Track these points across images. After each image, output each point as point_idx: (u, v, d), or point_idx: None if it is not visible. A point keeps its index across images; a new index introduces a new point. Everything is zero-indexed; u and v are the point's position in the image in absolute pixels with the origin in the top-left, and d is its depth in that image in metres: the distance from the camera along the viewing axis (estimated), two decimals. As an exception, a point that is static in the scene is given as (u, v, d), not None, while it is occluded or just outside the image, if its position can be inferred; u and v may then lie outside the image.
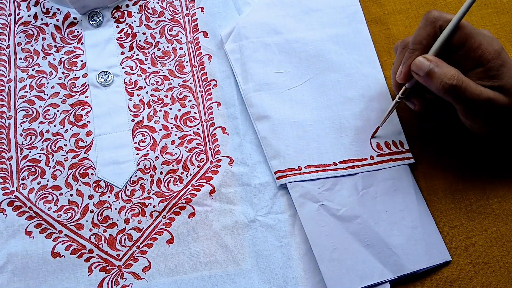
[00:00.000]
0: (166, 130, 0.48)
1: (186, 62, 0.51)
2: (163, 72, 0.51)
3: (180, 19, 0.53)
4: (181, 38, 0.52)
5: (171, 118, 0.49)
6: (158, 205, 0.46)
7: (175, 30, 0.52)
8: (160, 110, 0.49)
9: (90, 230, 0.45)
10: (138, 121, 0.49)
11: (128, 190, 0.46)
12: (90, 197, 0.46)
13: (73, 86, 0.50)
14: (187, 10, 0.53)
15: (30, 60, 0.51)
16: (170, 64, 0.51)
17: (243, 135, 0.48)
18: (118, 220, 0.45)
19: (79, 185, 0.46)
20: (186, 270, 0.44)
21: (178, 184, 0.46)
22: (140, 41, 0.52)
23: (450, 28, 0.40)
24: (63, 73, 0.51)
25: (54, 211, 0.45)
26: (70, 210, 0.46)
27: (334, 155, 0.46)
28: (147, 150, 0.48)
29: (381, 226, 0.44)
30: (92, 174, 0.47)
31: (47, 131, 0.48)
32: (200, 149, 0.48)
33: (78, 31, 0.53)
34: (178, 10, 0.53)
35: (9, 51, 0.52)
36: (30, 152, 0.48)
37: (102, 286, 0.43)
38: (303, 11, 0.52)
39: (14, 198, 0.46)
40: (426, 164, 0.47)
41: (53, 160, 0.47)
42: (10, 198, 0.46)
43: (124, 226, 0.45)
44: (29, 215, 0.45)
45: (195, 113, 0.49)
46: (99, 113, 0.49)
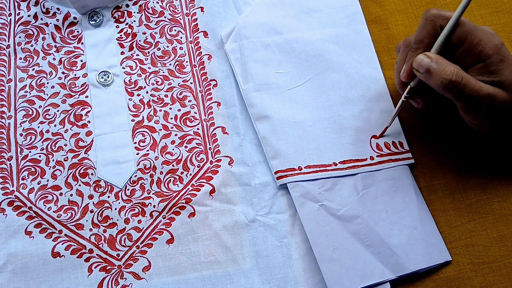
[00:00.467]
0: (166, 130, 0.48)
1: (186, 62, 0.51)
2: (163, 72, 0.51)
3: (180, 19, 0.53)
4: (181, 38, 0.52)
5: (171, 118, 0.49)
6: (158, 205, 0.46)
7: (175, 30, 0.52)
8: (160, 110, 0.49)
9: (90, 230, 0.45)
10: (138, 121, 0.49)
11: (128, 190, 0.46)
12: (90, 197, 0.46)
13: (73, 86, 0.50)
14: (187, 10, 0.53)
15: (30, 60, 0.51)
16: (170, 64, 0.51)
17: (243, 135, 0.48)
18: (118, 220, 0.45)
19: (79, 185, 0.46)
20: (186, 270, 0.44)
21: (178, 184, 0.46)
22: (140, 41, 0.52)
23: (450, 25, 0.40)
24: (63, 73, 0.51)
25: (54, 211, 0.45)
26: (70, 210, 0.46)
27: (334, 155, 0.46)
28: (147, 150, 0.48)
29: (381, 226, 0.44)
30: (92, 174, 0.47)
31: (47, 131, 0.48)
32: (200, 149, 0.48)
33: (78, 31, 0.53)
34: (178, 10, 0.53)
35: (9, 51, 0.52)
36: (30, 152, 0.48)
37: (102, 286, 0.43)
38: (303, 11, 0.52)
39: (14, 198, 0.46)
40: (426, 164, 0.47)
41: (53, 160, 0.47)
42: (10, 198, 0.46)
43: (124, 226, 0.45)
44: (29, 215, 0.45)
45: (195, 113, 0.49)
46: (99, 113, 0.49)
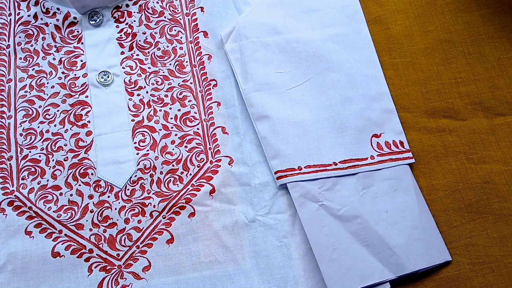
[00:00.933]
0: (166, 130, 0.48)
1: (186, 62, 0.51)
2: (163, 72, 0.51)
3: (180, 19, 0.53)
4: (181, 38, 0.52)
5: (171, 118, 0.49)
6: (158, 205, 0.46)
7: (175, 30, 0.52)
8: (160, 110, 0.49)
9: (90, 230, 0.45)
10: (138, 121, 0.49)
11: (128, 190, 0.46)
12: (90, 197, 0.46)
13: (73, 86, 0.50)
14: (187, 10, 0.53)
15: (30, 60, 0.51)
16: (170, 64, 0.51)
17: (243, 135, 0.48)
18: (118, 220, 0.45)
19: (79, 185, 0.46)
20: (186, 270, 0.44)
21: (178, 184, 0.46)
22: (140, 41, 0.52)
23: None
24: (63, 73, 0.51)
25: (54, 211, 0.45)
26: (70, 210, 0.46)
27: (334, 155, 0.46)
28: (147, 150, 0.48)
29: (381, 226, 0.44)
30: (92, 174, 0.47)
31: (47, 131, 0.48)
32: (200, 149, 0.48)
33: (78, 31, 0.53)
34: (178, 10, 0.53)
35: (9, 51, 0.52)
36: (30, 152, 0.48)
37: (102, 286, 0.43)
38: (303, 11, 0.52)
39: (14, 198, 0.46)
40: (426, 164, 0.47)
41: (53, 160, 0.47)
42: (10, 198, 0.46)
43: (124, 226, 0.45)
44: (29, 215, 0.45)
45: (195, 113, 0.49)
46: (99, 113, 0.49)
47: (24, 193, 0.46)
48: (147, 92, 0.50)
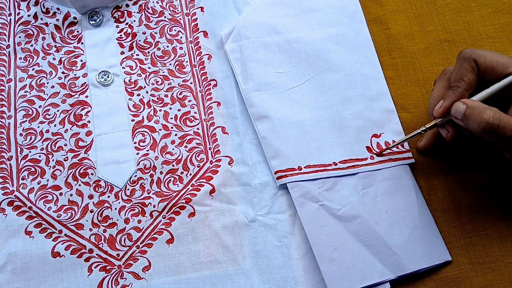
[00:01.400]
0: (166, 130, 0.48)
1: (186, 62, 0.51)
2: (163, 72, 0.51)
3: (180, 19, 0.53)
4: (181, 38, 0.52)
5: (171, 118, 0.49)
6: (158, 205, 0.46)
7: (175, 30, 0.52)
8: (160, 110, 0.49)
9: (90, 230, 0.45)
10: (138, 121, 0.49)
11: (128, 190, 0.46)
12: (90, 197, 0.46)
13: (73, 86, 0.50)
14: (187, 9, 0.53)
15: (30, 60, 0.51)
16: (170, 64, 0.51)
17: (243, 135, 0.48)
18: (118, 220, 0.45)
19: (79, 185, 0.46)
20: (186, 270, 0.44)
21: (178, 184, 0.46)
22: (140, 41, 0.52)
23: (499, 86, 0.40)
24: (63, 73, 0.51)
25: (54, 211, 0.45)
26: (70, 210, 0.46)
27: (334, 155, 0.46)
28: (147, 150, 0.48)
29: (381, 226, 0.44)
30: (92, 174, 0.47)
31: (47, 131, 0.48)
32: (200, 149, 0.48)
33: (78, 31, 0.53)
34: (178, 10, 0.53)
35: (9, 51, 0.52)
36: (30, 152, 0.48)
37: (102, 286, 0.43)
38: (303, 11, 0.52)
39: (14, 198, 0.46)
40: (426, 164, 0.47)
41: (53, 160, 0.47)
42: (10, 198, 0.46)
43: (124, 226, 0.45)
44: (29, 215, 0.45)
45: (195, 113, 0.49)
46: (99, 113, 0.49)
47: (24, 193, 0.46)
48: (147, 92, 0.50)
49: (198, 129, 0.48)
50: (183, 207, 0.46)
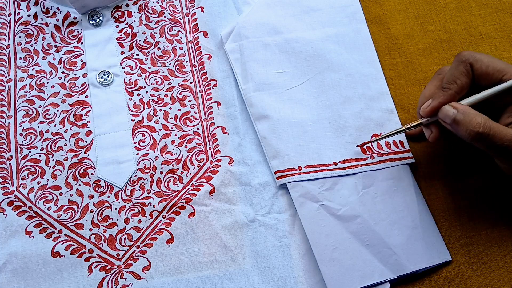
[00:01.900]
0: (166, 130, 0.48)
1: (186, 61, 0.51)
2: (163, 71, 0.51)
3: (180, 19, 0.53)
4: (181, 37, 0.52)
5: (171, 118, 0.49)
6: (158, 204, 0.46)
7: (175, 30, 0.52)
8: (160, 110, 0.49)
9: (90, 229, 0.45)
10: (138, 120, 0.49)
11: (128, 189, 0.46)
12: (90, 196, 0.46)
13: (73, 86, 0.50)
14: (187, 9, 0.53)
15: (30, 59, 0.51)
16: (170, 63, 0.51)
17: (243, 135, 0.48)
18: (118, 219, 0.45)
19: (79, 184, 0.46)
20: (186, 269, 0.44)
21: (178, 183, 0.46)
22: (140, 40, 0.52)
23: (492, 92, 0.40)
24: (63, 72, 0.51)
25: (54, 211, 0.45)
26: (70, 210, 0.46)
27: (334, 155, 0.46)
28: (147, 150, 0.48)
29: (381, 226, 0.44)
30: (92, 173, 0.47)
31: (47, 131, 0.48)
32: (200, 148, 0.48)
33: (78, 31, 0.53)
34: (178, 10, 0.53)
35: (9, 51, 0.52)
36: (30, 151, 0.48)
37: (102, 286, 0.43)
38: (303, 11, 0.52)
39: (14, 198, 0.46)
40: (426, 164, 0.47)
41: (53, 159, 0.47)
42: (10, 197, 0.46)
43: (124, 226, 0.45)
44: (29, 215, 0.45)
45: (195, 112, 0.49)
46: (99, 112, 0.49)
47: (24, 193, 0.46)
48: (147, 92, 0.50)
49: (198, 129, 0.48)
50: (183, 207, 0.46)
